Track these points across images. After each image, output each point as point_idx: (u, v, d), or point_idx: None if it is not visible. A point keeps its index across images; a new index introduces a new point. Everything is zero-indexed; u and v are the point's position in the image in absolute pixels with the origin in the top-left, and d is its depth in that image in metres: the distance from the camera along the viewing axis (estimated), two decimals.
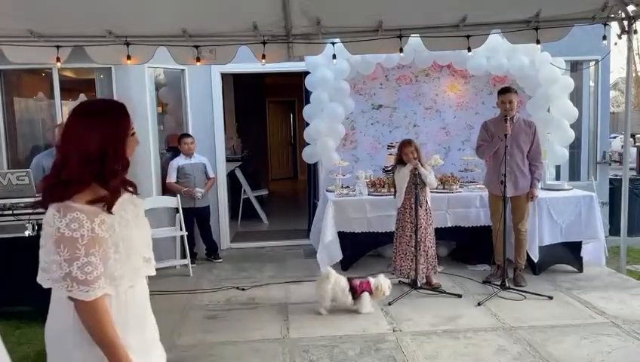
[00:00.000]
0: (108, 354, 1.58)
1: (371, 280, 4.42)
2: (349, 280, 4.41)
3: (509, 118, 4.81)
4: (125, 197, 1.74)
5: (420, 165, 4.75)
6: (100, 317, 1.57)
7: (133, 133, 1.76)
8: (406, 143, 4.88)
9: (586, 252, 5.46)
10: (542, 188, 5.67)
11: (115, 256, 1.62)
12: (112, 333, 1.59)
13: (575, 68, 7.13)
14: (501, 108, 4.98)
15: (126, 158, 1.72)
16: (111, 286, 1.61)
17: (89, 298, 1.55)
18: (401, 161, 4.90)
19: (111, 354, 1.58)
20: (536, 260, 5.22)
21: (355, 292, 4.35)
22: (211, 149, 6.83)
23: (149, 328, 1.81)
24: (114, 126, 1.68)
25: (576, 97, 6.93)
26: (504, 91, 5.01)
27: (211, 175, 6.39)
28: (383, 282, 4.39)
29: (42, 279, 1.61)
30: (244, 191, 8.39)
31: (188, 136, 6.26)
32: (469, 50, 5.07)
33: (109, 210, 1.61)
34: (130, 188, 1.80)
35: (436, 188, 5.49)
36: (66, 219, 1.53)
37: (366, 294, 4.36)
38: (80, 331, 1.60)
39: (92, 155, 1.61)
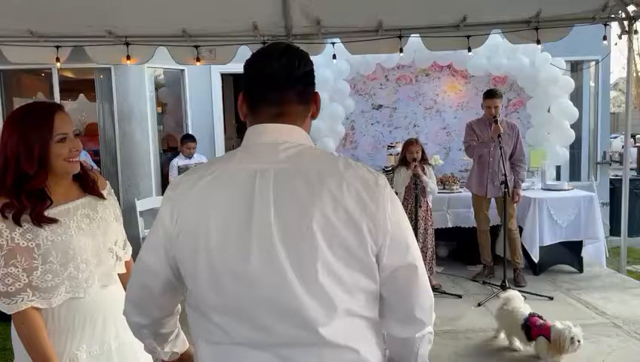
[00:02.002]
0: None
1: (555, 327, 3.36)
2: (532, 315, 3.53)
3: (497, 118, 4.83)
4: (79, 202, 1.66)
5: (420, 173, 4.73)
6: (28, 330, 1.51)
7: (62, 140, 1.59)
8: (412, 142, 4.87)
9: (586, 252, 5.46)
10: (542, 188, 5.67)
11: (44, 267, 1.53)
12: (42, 348, 1.51)
13: (575, 68, 7.13)
14: (487, 113, 4.99)
15: (46, 164, 1.57)
16: (41, 299, 1.53)
17: (12, 311, 1.49)
18: (403, 161, 4.88)
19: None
20: (536, 260, 5.22)
21: (531, 332, 3.48)
22: (211, 149, 6.83)
23: (110, 334, 1.69)
24: (31, 128, 1.56)
25: (576, 97, 6.94)
26: (490, 96, 4.97)
27: None
28: (566, 335, 3.28)
29: None
30: None
31: (192, 140, 6.14)
32: (469, 50, 5.06)
33: (35, 219, 1.53)
34: (97, 192, 1.72)
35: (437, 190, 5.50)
36: None
37: (542, 340, 3.42)
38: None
39: (9, 159, 1.54)
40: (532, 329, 3.46)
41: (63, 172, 1.63)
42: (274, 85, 1.16)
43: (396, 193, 4.96)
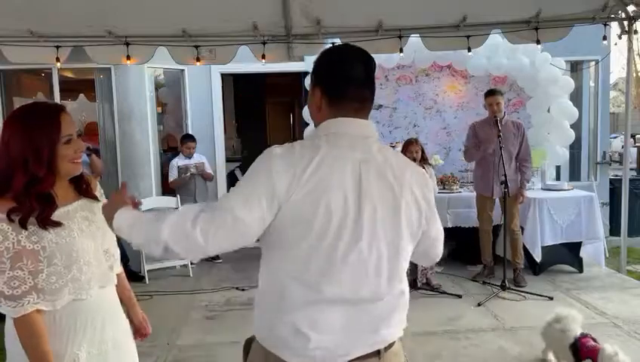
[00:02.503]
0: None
1: (604, 351, 3.08)
2: (583, 336, 3.26)
3: (498, 119, 4.82)
4: (77, 204, 1.66)
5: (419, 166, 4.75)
6: (30, 333, 1.50)
7: (69, 141, 1.59)
8: (412, 142, 4.88)
9: (586, 252, 5.46)
10: (542, 189, 5.67)
11: (49, 269, 1.53)
12: (42, 352, 1.50)
13: (575, 68, 7.13)
14: (489, 111, 5.00)
15: (54, 166, 1.57)
16: (46, 301, 1.53)
17: (17, 314, 1.48)
18: None
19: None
20: (539, 260, 5.22)
21: (579, 353, 3.21)
22: (211, 149, 6.83)
23: (108, 335, 1.71)
24: (38, 130, 1.54)
25: (576, 97, 6.94)
26: (491, 93, 5.02)
27: (209, 171, 6.37)
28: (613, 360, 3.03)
29: None
30: None
31: (192, 140, 6.14)
32: (469, 50, 5.07)
33: (41, 222, 1.52)
34: (91, 195, 1.72)
35: (437, 190, 5.50)
36: None
37: None
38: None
39: (15, 161, 1.52)
40: (581, 350, 3.18)
41: (66, 174, 1.63)
42: (359, 85, 1.38)
43: None
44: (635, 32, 4.91)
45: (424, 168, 4.80)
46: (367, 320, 1.35)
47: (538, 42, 4.98)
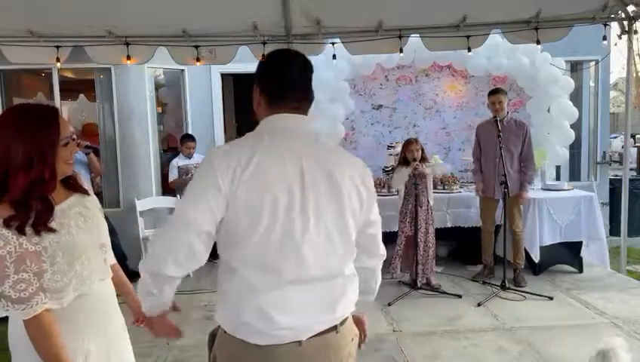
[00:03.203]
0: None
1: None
2: None
3: (498, 119, 4.83)
4: (70, 201, 1.66)
5: (421, 166, 4.74)
6: (42, 333, 1.51)
7: (67, 144, 1.60)
8: (412, 142, 4.88)
9: (589, 253, 5.46)
10: (542, 188, 5.67)
11: (52, 268, 1.53)
12: (56, 350, 1.51)
13: (575, 68, 7.13)
14: (491, 109, 5.01)
15: (54, 168, 1.57)
16: (53, 300, 1.54)
17: (28, 316, 1.49)
18: (404, 161, 4.89)
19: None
20: (537, 260, 5.22)
21: None
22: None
23: (111, 327, 1.74)
24: (40, 130, 1.54)
25: (576, 97, 6.94)
26: (493, 92, 5.04)
27: None
28: None
29: None
30: None
31: (192, 140, 6.14)
32: (469, 50, 5.07)
33: (44, 226, 1.52)
34: (81, 189, 1.72)
35: (436, 188, 5.50)
36: None
37: None
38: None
39: (16, 162, 1.50)
40: None
41: (62, 174, 1.63)
42: (294, 87, 1.51)
43: (396, 191, 4.97)
44: (635, 32, 4.92)
45: (423, 167, 4.81)
46: (324, 298, 1.48)
47: (538, 42, 4.98)
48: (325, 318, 1.48)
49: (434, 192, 5.16)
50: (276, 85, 1.51)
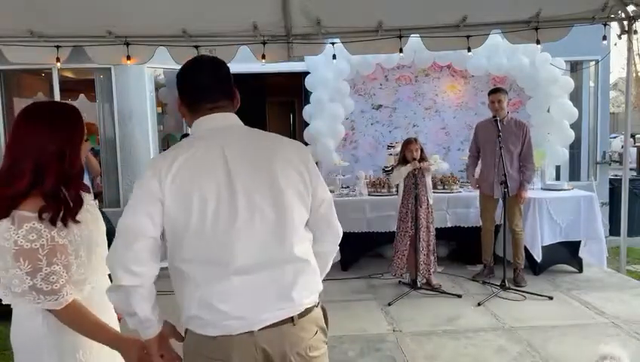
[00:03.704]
0: (104, 343, 1.59)
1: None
2: None
3: (498, 119, 4.83)
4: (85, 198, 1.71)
5: (421, 165, 4.74)
6: (77, 316, 1.56)
7: (87, 139, 1.73)
8: (411, 141, 4.89)
9: (588, 253, 5.46)
10: (542, 188, 5.67)
11: (76, 261, 1.59)
12: (95, 326, 1.58)
13: (575, 68, 7.14)
14: (491, 109, 5.03)
15: (81, 163, 1.67)
16: (76, 290, 1.59)
17: (61, 306, 1.52)
18: (404, 161, 4.89)
19: (105, 341, 1.59)
20: (539, 260, 5.22)
21: None
22: None
23: (113, 321, 1.78)
24: (72, 129, 1.64)
25: (576, 97, 6.94)
26: (493, 91, 5.07)
27: None
28: None
29: (2, 294, 1.55)
30: None
31: None
32: (469, 50, 5.07)
33: (73, 218, 1.57)
34: (84, 187, 1.77)
35: (436, 188, 5.51)
36: (23, 231, 1.48)
37: None
38: (53, 339, 1.58)
39: (49, 160, 1.56)
40: None
41: (83, 170, 1.72)
42: (207, 89, 1.58)
43: (395, 191, 4.95)
44: (635, 32, 4.92)
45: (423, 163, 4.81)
46: (272, 287, 1.47)
47: (538, 42, 4.98)
48: (277, 307, 1.47)
49: (434, 192, 5.16)
50: (189, 93, 1.59)
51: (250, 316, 1.45)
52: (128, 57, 5.02)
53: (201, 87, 1.58)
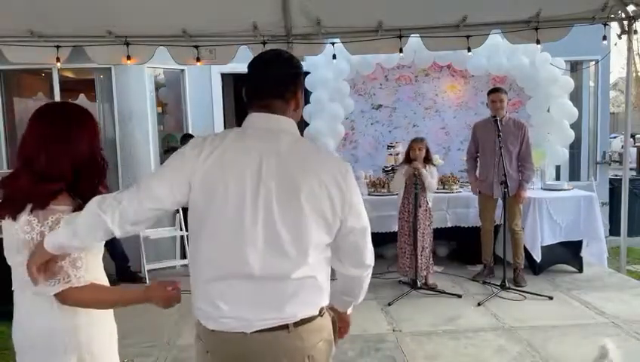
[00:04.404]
0: (134, 302, 1.66)
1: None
2: None
3: (498, 118, 4.83)
4: None
5: (420, 167, 4.74)
6: (102, 289, 1.64)
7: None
8: (416, 140, 4.91)
9: (588, 253, 5.46)
10: (542, 188, 5.67)
11: (91, 252, 1.65)
12: (117, 292, 1.69)
13: (575, 68, 7.14)
14: (491, 108, 5.02)
15: (105, 162, 1.74)
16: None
17: (86, 282, 1.59)
18: (408, 160, 4.89)
19: (134, 300, 1.66)
20: (539, 260, 5.22)
21: None
22: None
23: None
24: (93, 130, 1.71)
25: (576, 97, 6.94)
26: (494, 91, 5.07)
27: None
28: None
29: (17, 287, 1.61)
30: None
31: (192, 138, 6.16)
32: (469, 50, 5.07)
33: None
34: None
35: (436, 188, 5.50)
36: (49, 222, 1.54)
37: None
38: (68, 334, 1.60)
39: (84, 163, 1.64)
40: None
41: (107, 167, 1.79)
42: (260, 85, 1.56)
43: (396, 192, 4.92)
44: (635, 32, 4.92)
45: (426, 167, 4.80)
46: (269, 297, 1.48)
47: (538, 42, 4.98)
48: (273, 315, 1.48)
49: (434, 192, 5.17)
50: (247, 86, 1.58)
51: (246, 319, 1.48)
52: (128, 57, 5.02)
53: (254, 82, 1.57)
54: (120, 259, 5.30)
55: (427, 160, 4.83)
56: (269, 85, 1.55)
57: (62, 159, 1.60)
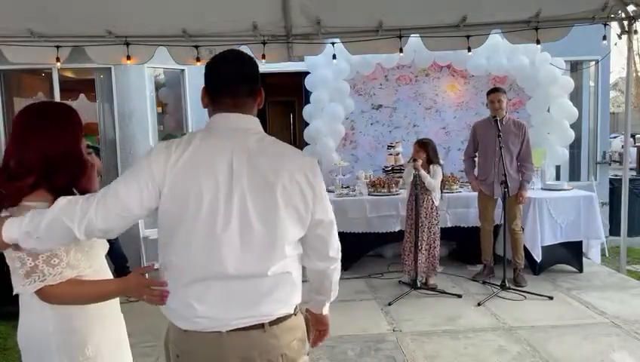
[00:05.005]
0: (113, 294, 1.64)
1: None
2: None
3: (498, 118, 4.83)
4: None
5: (419, 168, 4.74)
6: (79, 284, 1.60)
7: (83, 136, 1.79)
8: (417, 142, 4.96)
9: (589, 253, 5.46)
10: (542, 188, 5.67)
11: (76, 248, 1.62)
12: (95, 285, 1.62)
13: (575, 68, 7.13)
14: (490, 108, 5.03)
15: (85, 159, 1.73)
16: (73, 271, 1.62)
17: (63, 279, 1.56)
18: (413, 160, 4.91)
19: (112, 293, 1.63)
20: (539, 260, 5.22)
21: None
22: None
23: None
24: (72, 127, 1.69)
25: (576, 97, 6.94)
26: (493, 90, 5.08)
27: None
28: None
29: (14, 285, 1.60)
30: None
31: None
32: (469, 50, 5.07)
33: None
34: None
35: (437, 188, 5.50)
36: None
37: None
38: (61, 337, 1.61)
39: (56, 158, 1.61)
40: None
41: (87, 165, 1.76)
42: (229, 83, 1.55)
43: (396, 192, 4.93)
44: (635, 31, 4.92)
45: (429, 167, 4.81)
46: (245, 296, 1.49)
47: (538, 42, 4.98)
48: (248, 314, 1.49)
49: (443, 192, 5.17)
50: (213, 84, 1.57)
51: (221, 318, 1.48)
52: (128, 57, 5.01)
53: (224, 79, 1.56)
54: (118, 258, 5.30)
55: (430, 160, 4.84)
56: (242, 82, 1.56)
57: (31, 153, 1.59)
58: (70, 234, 1.44)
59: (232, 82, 1.55)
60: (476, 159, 5.35)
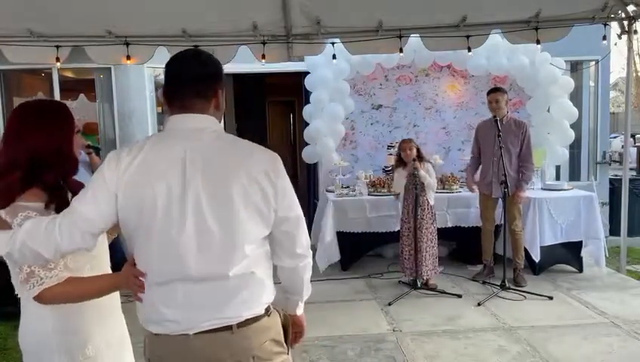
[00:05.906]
0: (109, 289, 1.62)
1: None
2: None
3: (498, 118, 4.83)
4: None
5: (418, 167, 4.73)
6: (75, 281, 1.58)
7: (78, 131, 1.80)
8: (405, 141, 4.90)
9: (587, 252, 5.45)
10: (542, 188, 5.67)
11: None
12: (90, 281, 1.60)
13: (575, 68, 7.13)
14: (490, 108, 5.04)
15: (75, 156, 1.72)
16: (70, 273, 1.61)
17: (60, 280, 1.54)
18: (400, 162, 4.89)
19: (108, 288, 1.62)
20: (537, 260, 5.22)
21: None
22: None
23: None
24: (63, 124, 1.69)
25: (576, 97, 6.93)
26: (492, 91, 5.09)
27: None
28: None
29: (17, 289, 1.61)
30: None
31: None
32: (469, 50, 5.07)
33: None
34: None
35: (436, 188, 5.51)
36: (18, 219, 1.52)
37: None
38: (61, 337, 1.61)
39: (45, 154, 1.60)
40: None
41: (77, 162, 1.75)
42: (178, 84, 1.53)
43: (397, 194, 4.92)
44: (635, 31, 4.92)
45: (422, 166, 4.80)
46: (213, 298, 1.47)
47: (538, 42, 4.98)
48: (214, 316, 1.47)
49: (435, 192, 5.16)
50: (167, 87, 1.55)
51: (188, 320, 1.46)
52: (128, 57, 5.02)
53: (175, 82, 1.53)
54: (118, 260, 5.30)
55: (420, 158, 4.82)
56: (190, 85, 1.51)
57: (20, 149, 1.58)
58: (41, 257, 1.44)
59: (177, 84, 1.53)
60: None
